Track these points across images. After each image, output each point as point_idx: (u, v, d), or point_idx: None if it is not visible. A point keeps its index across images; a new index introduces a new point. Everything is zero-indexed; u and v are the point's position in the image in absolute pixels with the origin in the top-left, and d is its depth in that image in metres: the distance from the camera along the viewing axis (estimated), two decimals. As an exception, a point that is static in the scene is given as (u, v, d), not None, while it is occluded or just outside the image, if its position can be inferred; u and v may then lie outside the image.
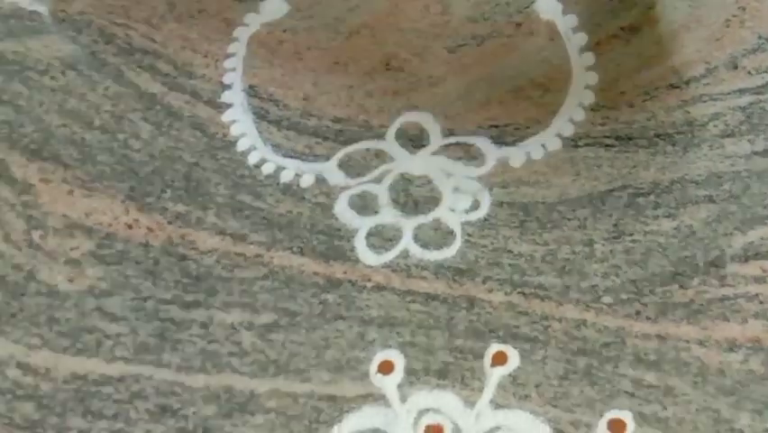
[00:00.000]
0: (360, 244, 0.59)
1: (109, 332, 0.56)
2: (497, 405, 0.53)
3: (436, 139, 0.63)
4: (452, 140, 0.63)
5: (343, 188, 0.61)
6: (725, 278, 0.57)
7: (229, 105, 0.64)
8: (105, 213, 0.60)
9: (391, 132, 0.64)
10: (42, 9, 0.68)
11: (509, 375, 0.54)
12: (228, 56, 0.66)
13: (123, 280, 0.57)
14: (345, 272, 0.58)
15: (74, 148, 0.62)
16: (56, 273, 0.58)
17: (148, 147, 0.62)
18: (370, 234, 0.59)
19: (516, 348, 0.55)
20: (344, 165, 0.62)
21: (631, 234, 0.59)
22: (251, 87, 0.65)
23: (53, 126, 0.63)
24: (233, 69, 0.66)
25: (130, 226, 0.59)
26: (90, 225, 0.59)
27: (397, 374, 0.54)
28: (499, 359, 0.55)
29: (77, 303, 0.57)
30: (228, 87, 0.65)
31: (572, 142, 0.62)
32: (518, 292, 0.57)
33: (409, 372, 0.54)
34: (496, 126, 0.63)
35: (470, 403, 0.53)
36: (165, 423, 0.53)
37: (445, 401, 0.54)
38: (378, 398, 0.54)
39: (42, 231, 0.59)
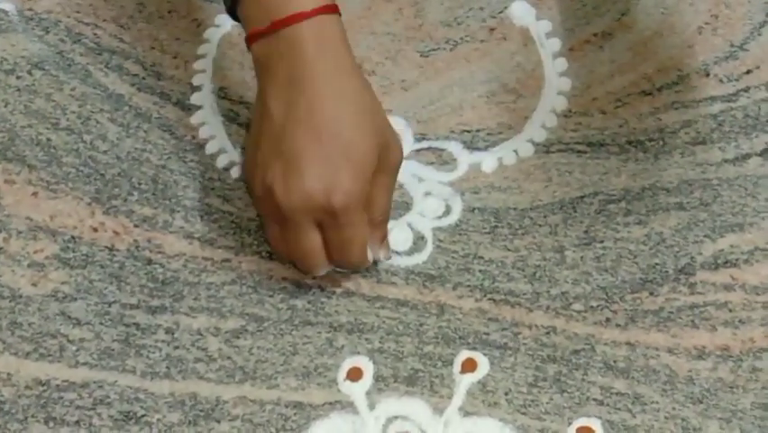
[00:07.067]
0: (329, 249, 0.58)
1: (72, 337, 0.55)
2: (466, 412, 0.53)
3: (408, 143, 0.62)
4: (424, 144, 0.63)
5: (314, 193, 0.61)
6: (694, 285, 0.57)
7: (198, 107, 0.63)
8: (71, 215, 0.59)
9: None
10: (9, 7, 0.67)
11: (479, 382, 0.54)
12: (198, 57, 0.65)
13: (88, 284, 0.56)
14: (314, 278, 0.57)
15: (39, 149, 0.61)
16: (19, 277, 0.56)
17: (115, 149, 0.61)
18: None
19: (485, 355, 0.55)
20: (315, 169, 0.62)
21: (602, 241, 0.59)
22: (221, 88, 0.64)
23: (18, 127, 0.61)
24: (203, 71, 0.65)
25: (95, 229, 0.58)
26: (55, 228, 0.58)
27: (366, 381, 0.54)
28: (469, 366, 0.54)
29: (40, 307, 0.56)
30: (198, 88, 0.64)
31: (544, 148, 0.62)
32: (488, 299, 0.57)
33: (378, 378, 0.54)
34: (468, 131, 0.63)
35: (438, 410, 0.53)
36: (129, 430, 0.52)
37: (414, 408, 0.53)
38: (346, 405, 0.53)
39: (6, 233, 0.58)
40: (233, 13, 0.55)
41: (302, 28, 0.51)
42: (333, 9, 0.53)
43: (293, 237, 0.53)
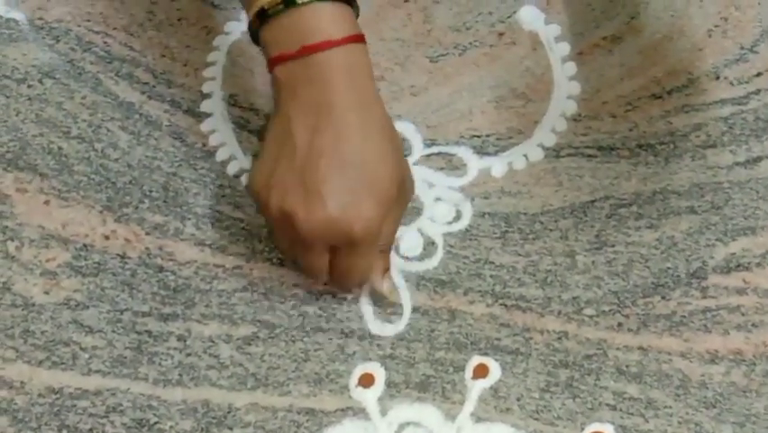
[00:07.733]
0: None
1: (85, 345, 0.55)
2: (478, 418, 0.53)
3: (418, 149, 0.63)
4: (434, 150, 0.63)
5: (324, 199, 0.61)
6: (707, 289, 0.57)
7: (208, 115, 0.64)
8: (82, 224, 0.59)
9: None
10: (20, 16, 0.67)
11: (490, 388, 0.54)
12: (208, 65, 0.66)
13: (100, 291, 0.57)
14: (325, 284, 0.57)
15: (51, 158, 0.61)
16: (31, 285, 0.57)
17: (126, 157, 0.61)
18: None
19: (497, 360, 0.55)
20: (325, 175, 0.62)
21: (613, 246, 0.58)
22: (231, 96, 0.64)
23: (30, 135, 0.62)
24: (213, 78, 0.65)
25: (107, 237, 0.58)
26: (66, 236, 0.58)
27: (378, 387, 0.54)
28: (481, 371, 0.54)
29: (52, 315, 0.56)
30: (208, 95, 0.64)
31: (555, 153, 0.62)
32: (500, 304, 0.57)
33: (390, 384, 0.54)
34: (478, 136, 0.63)
35: (450, 416, 0.53)
36: (141, 438, 0.52)
37: (426, 414, 0.53)
38: (358, 411, 0.53)
39: (18, 242, 0.58)
40: (254, 35, 0.55)
41: (331, 55, 0.51)
42: (360, 39, 0.53)
43: (303, 254, 0.54)
